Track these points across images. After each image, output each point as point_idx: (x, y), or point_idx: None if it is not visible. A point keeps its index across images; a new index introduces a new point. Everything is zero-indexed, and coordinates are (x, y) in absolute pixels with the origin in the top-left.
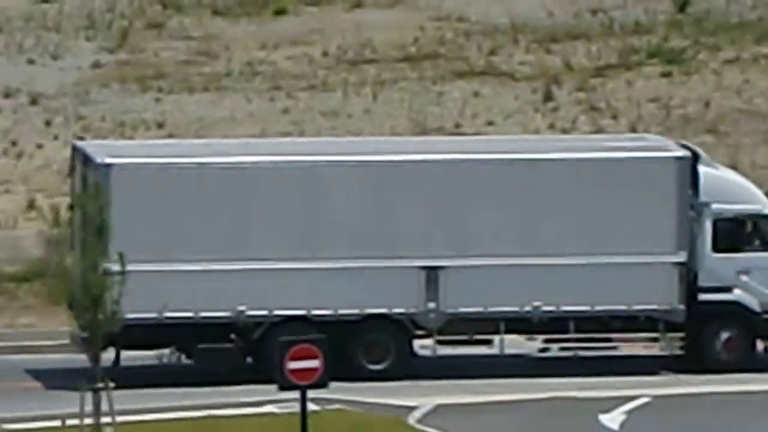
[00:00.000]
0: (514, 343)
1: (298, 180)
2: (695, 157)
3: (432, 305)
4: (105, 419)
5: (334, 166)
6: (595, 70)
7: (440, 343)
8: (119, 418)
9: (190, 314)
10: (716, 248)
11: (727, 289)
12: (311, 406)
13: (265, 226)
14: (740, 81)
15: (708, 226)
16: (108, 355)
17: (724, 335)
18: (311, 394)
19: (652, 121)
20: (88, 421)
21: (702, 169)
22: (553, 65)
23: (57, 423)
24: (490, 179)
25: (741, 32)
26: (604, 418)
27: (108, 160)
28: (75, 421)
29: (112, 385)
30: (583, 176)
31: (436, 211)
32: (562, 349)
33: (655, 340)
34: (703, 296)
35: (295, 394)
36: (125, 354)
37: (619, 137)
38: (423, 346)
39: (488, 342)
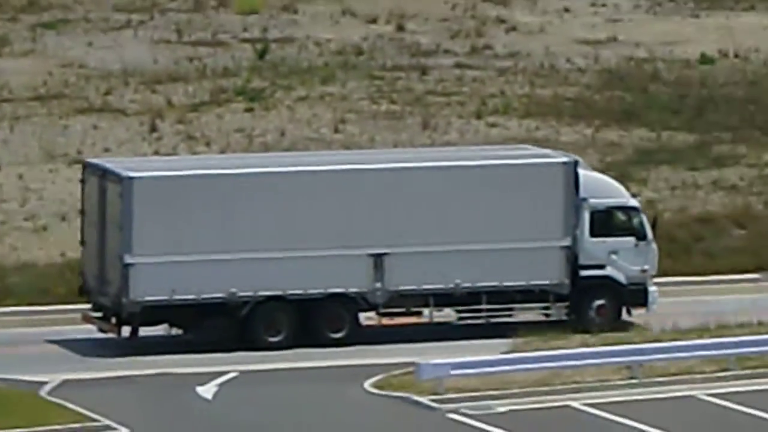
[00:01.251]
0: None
1: (284, 186)
2: (575, 162)
3: (378, 284)
4: None
5: (306, 174)
6: (192, 106)
7: (382, 315)
8: None
9: (193, 296)
10: (593, 234)
11: (601, 266)
12: None
13: (252, 225)
14: (310, 115)
15: (586, 216)
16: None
17: (597, 303)
18: None
19: (238, 147)
20: None
21: (581, 171)
22: (157, 103)
23: None
24: (422, 183)
25: (310, 75)
26: (201, 390)
27: (131, 174)
28: None
29: None
30: (491, 179)
31: (382, 209)
32: (476, 317)
33: (547, 308)
34: (583, 272)
35: None
36: None
37: (506, 147)
38: (368, 317)
39: (420, 313)
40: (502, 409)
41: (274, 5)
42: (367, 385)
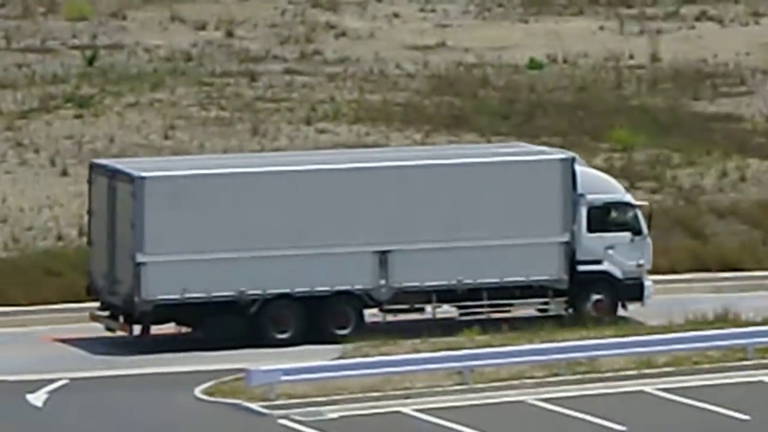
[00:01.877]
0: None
1: (291, 185)
2: (573, 159)
3: (383, 282)
4: None
5: (313, 173)
6: (21, 113)
7: (386, 312)
8: None
9: (203, 294)
10: (590, 229)
11: (598, 262)
12: None
13: (260, 223)
14: (139, 121)
15: (584, 212)
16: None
17: (595, 297)
18: None
19: (68, 154)
20: None
21: (578, 167)
22: None
23: None
24: (425, 181)
25: (140, 81)
26: (31, 398)
27: (143, 174)
28: None
29: None
30: (491, 176)
31: (386, 207)
32: (477, 313)
33: (545, 303)
34: (581, 267)
35: None
36: None
37: (501, 145)
38: (374, 314)
39: (422, 310)
40: (333, 415)
41: (103, 12)
42: (197, 391)
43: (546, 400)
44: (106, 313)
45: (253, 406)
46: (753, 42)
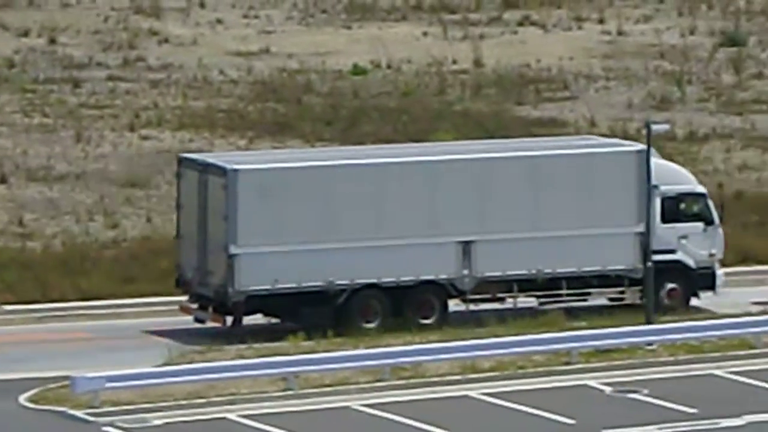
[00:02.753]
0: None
1: (378, 177)
2: (648, 151)
3: (466, 272)
4: None
5: (398, 165)
6: None
7: (468, 301)
8: None
9: (293, 285)
10: (664, 220)
11: (672, 251)
12: None
13: (348, 215)
14: None
15: (658, 203)
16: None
17: (668, 286)
18: None
19: None
20: None
21: (652, 159)
22: None
23: None
24: (506, 173)
25: None
26: None
27: (236, 166)
28: None
29: None
30: (571, 168)
31: (469, 198)
32: (556, 302)
33: (621, 292)
34: (655, 257)
35: None
36: None
37: (576, 138)
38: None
39: (503, 299)
40: (158, 422)
41: None
42: (22, 399)
43: (371, 406)
44: (195, 305)
45: (78, 413)
46: (576, 47)
